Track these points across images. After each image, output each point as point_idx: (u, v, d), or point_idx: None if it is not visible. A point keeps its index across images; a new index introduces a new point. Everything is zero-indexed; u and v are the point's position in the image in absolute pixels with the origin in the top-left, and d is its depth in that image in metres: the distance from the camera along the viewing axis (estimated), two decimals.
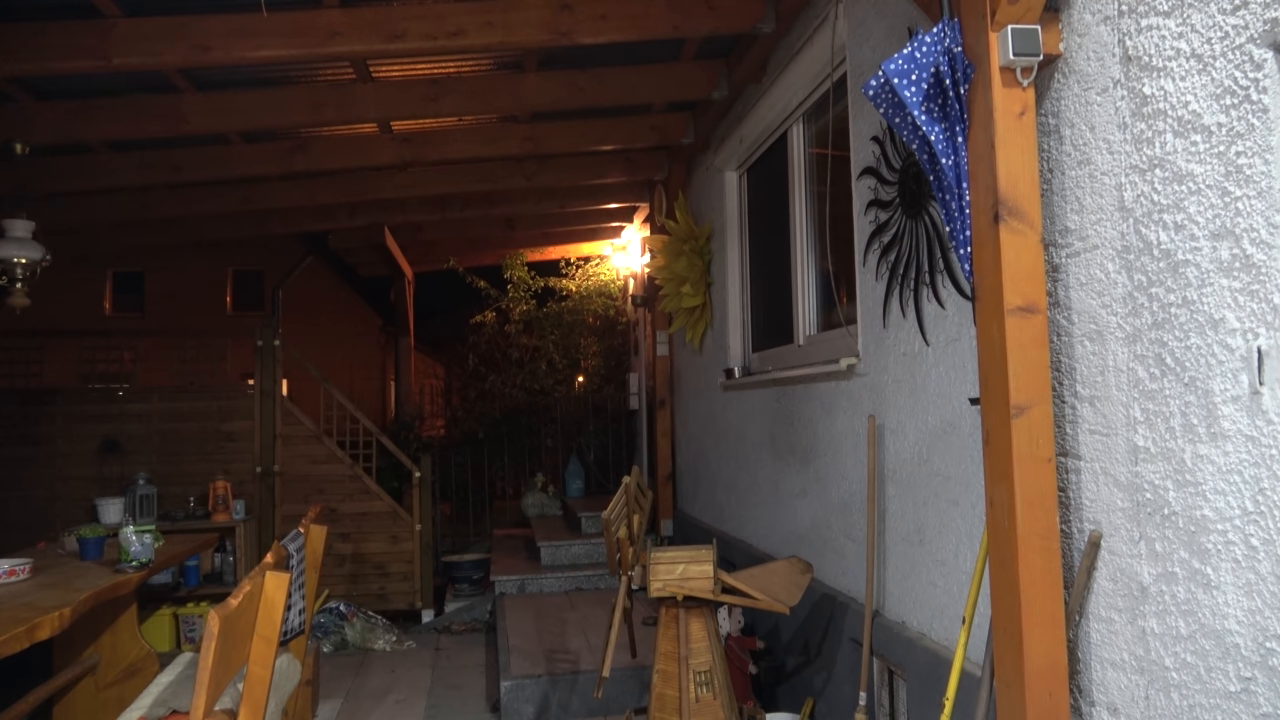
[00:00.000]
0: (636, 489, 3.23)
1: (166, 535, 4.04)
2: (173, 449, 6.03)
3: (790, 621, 3.64)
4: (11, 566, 3.10)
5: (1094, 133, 1.85)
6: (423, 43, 3.67)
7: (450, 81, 4.54)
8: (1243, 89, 1.48)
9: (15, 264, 4.51)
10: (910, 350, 2.70)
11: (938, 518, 2.53)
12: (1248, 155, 1.47)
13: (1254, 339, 1.46)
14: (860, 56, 3.04)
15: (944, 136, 1.98)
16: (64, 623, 2.58)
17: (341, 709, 4.28)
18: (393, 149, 5.26)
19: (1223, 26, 1.51)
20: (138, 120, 4.43)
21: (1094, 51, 1.84)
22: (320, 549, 3.04)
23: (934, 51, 1.96)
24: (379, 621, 5.54)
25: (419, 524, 6.13)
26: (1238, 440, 1.50)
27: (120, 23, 3.51)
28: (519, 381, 8.46)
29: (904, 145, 2.70)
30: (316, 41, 3.61)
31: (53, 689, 3.28)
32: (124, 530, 3.45)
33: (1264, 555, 1.45)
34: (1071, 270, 1.93)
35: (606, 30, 3.78)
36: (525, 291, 8.60)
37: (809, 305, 3.98)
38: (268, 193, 5.96)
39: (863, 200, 3.03)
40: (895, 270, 2.78)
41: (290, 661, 2.72)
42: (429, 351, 12.96)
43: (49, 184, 5.01)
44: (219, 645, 1.65)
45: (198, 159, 5.17)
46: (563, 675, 3.98)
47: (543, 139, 5.28)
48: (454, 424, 9.48)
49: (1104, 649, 1.85)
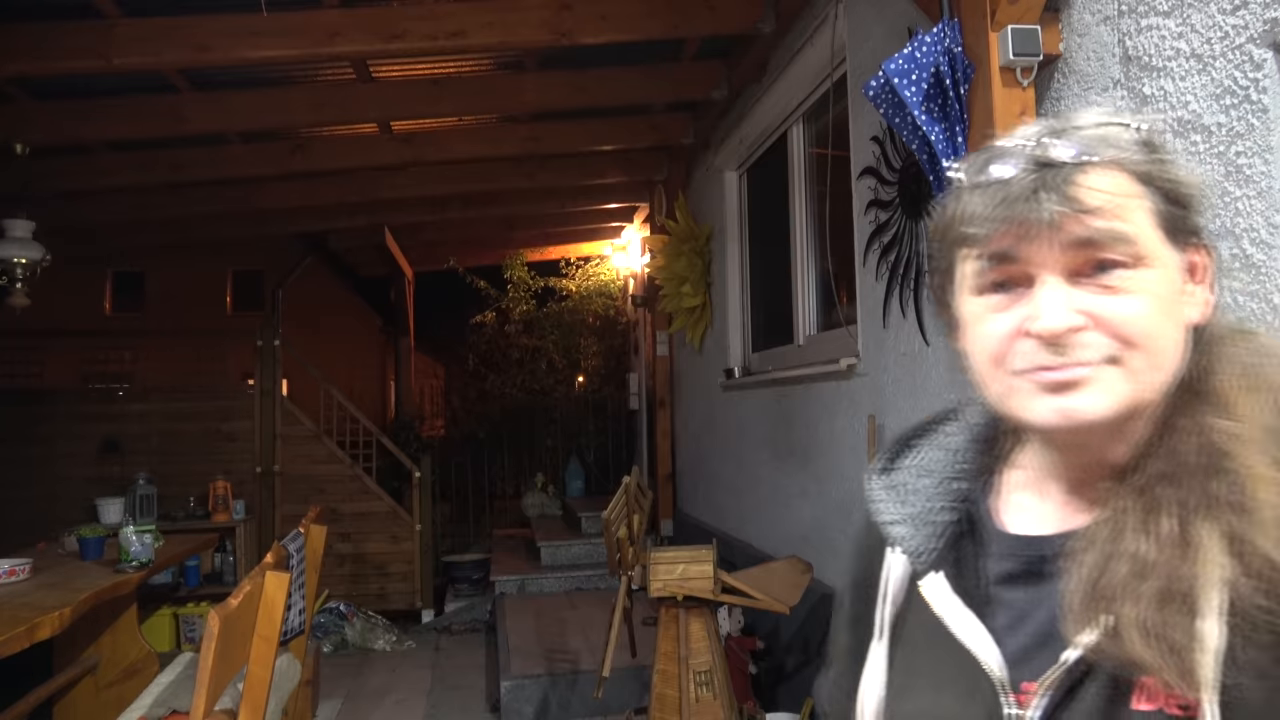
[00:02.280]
0: (636, 489, 3.23)
1: (166, 535, 4.04)
2: (173, 449, 6.03)
3: (790, 621, 3.64)
4: (11, 566, 3.10)
5: None
6: (423, 43, 3.67)
7: (450, 81, 4.54)
8: (1242, 89, 1.48)
9: (15, 264, 4.52)
10: (910, 350, 2.70)
11: None
12: (1248, 155, 1.47)
13: None
14: (860, 56, 3.04)
15: (944, 136, 1.98)
16: (64, 623, 2.57)
17: (341, 709, 4.28)
18: (393, 149, 5.26)
19: (1222, 26, 1.51)
20: (138, 120, 4.43)
21: (1094, 51, 1.84)
22: (320, 549, 3.04)
23: (934, 51, 1.96)
24: (379, 621, 5.53)
25: (419, 524, 6.13)
26: None
27: (120, 23, 3.51)
28: (519, 382, 8.45)
29: (904, 145, 2.70)
30: (316, 41, 3.61)
31: (53, 689, 3.28)
32: (124, 530, 3.45)
33: None
34: None
35: (606, 30, 3.78)
36: (525, 292, 8.60)
37: (809, 305, 3.98)
38: (268, 193, 5.96)
39: (863, 200, 3.03)
40: (895, 270, 2.78)
41: (290, 661, 2.72)
42: (429, 352, 12.96)
43: (49, 184, 5.00)
44: (219, 645, 1.65)
45: (198, 159, 5.17)
46: (563, 675, 3.98)
47: (543, 139, 5.27)
48: (454, 424, 9.48)
49: None
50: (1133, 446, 0.67)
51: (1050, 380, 0.64)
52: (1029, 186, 0.64)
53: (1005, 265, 0.66)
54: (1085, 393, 0.64)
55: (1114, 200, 0.64)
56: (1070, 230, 0.63)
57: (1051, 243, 0.64)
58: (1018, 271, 0.66)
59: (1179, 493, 0.62)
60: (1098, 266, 0.64)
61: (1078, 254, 0.64)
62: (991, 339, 0.67)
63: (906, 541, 0.76)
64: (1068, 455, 0.70)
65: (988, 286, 0.68)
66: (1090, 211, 0.63)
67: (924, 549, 0.74)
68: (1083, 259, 0.64)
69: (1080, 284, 0.65)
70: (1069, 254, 0.64)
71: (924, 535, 0.75)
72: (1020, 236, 0.65)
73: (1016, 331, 0.66)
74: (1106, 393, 0.64)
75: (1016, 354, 0.66)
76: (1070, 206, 0.63)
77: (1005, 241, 0.65)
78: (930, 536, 0.75)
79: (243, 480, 5.95)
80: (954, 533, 0.75)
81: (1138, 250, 0.64)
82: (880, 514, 0.79)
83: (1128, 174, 0.66)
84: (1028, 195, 0.64)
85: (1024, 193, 0.64)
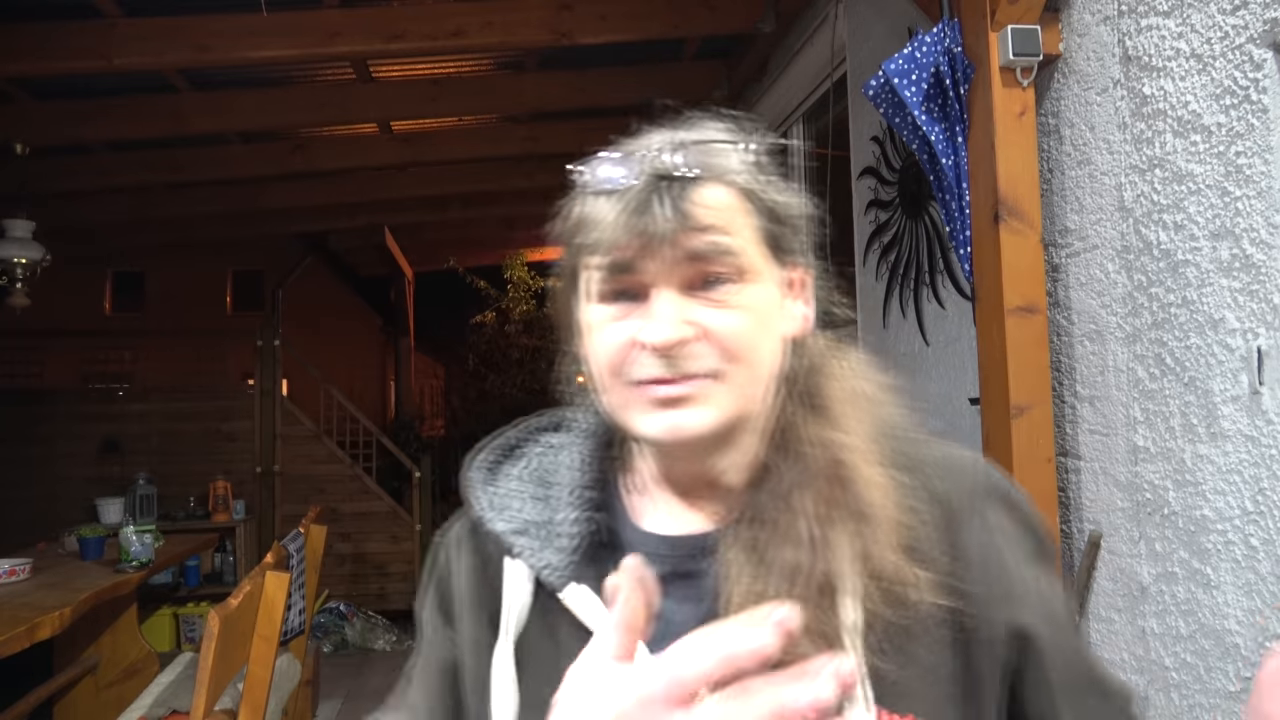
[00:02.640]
0: None
1: (166, 535, 4.04)
2: (173, 449, 6.03)
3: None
4: (11, 566, 3.10)
5: (1094, 133, 1.85)
6: (423, 43, 3.67)
7: (450, 81, 4.54)
8: (1242, 89, 1.48)
9: (15, 264, 4.52)
10: (910, 350, 2.70)
11: None
12: (1247, 155, 1.47)
13: (1254, 339, 1.46)
14: (860, 56, 3.04)
15: (944, 136, 1.98)
16: (64, 623, 2.57)
17: (341, 709, 4.28)
18: (393, 149, 5.26)
19: (1222, 26, 1.51)
20: (138, 120, 4.43)
21: (1094, 51, 1.84)
22: (320, 549, 3.04)
23: (934, 51, 1.96)
24: (379, 621, 5.54)
25: (419, 524, 6.13)
26: (1237, 440, 1.50)
27: (120, 23, 3.51)
28: (519, 382, 8.45)
29: (904, 145, 2.70)
30: (316, 41, 3.61)
31: (53, 689, 3.28)
32: (124, 530, 3.45)
33: (1264, 555, 1.45)
34: (1071, 270, 1.93)
35: (606, 30, 3.78)
36: (525, 292, 8.60)
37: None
38: (268, 193, 5.96)
39: (863, 200, 3.03)
40: (895, 270, 2.78)
41: (290, 661, 2.72)
42: (429, 352, 12.95)
43: (49, 184, 5.00)
44: (219, 645, 1.65)
45: (198, 159, 5.17)
46: None
47: (543, 139, 5.27)
48: (454, 424, 9.48)
49: (1104, 649, 1.85)
50: (747, 453, 0.72)
51: (662, 396, 0.65)
52: (646, 199, 0.66)
53: (624, 275, 0.67)
54: (692, 409, 0.66)
55: (723, 217, 0.67)
56: (683, 244, 0.65)
57: (666, 256, 0.65)
58: (635, 282, 0.67)
59: (813, 499, 0.67)
60: (707, 280, 0.66)
61: (690, 267, 0.66)
62: (609, 348, 0.68)
63: (535, 554, 0.72)
64: (683, 465, 0.72)
65: (608, 295, 0.68)
66: (703, 228, 0.65)
67: (557, 562, 0.71)
68: (694, 272, 0.66)
69: (693, 296, 0.66)
70: (682, 267, 0.66)
71: (555, 547, 0.72)
72: (639, 248, 0.65)
73: (632, 342, 0.66)
74: (711, 408, 0.66)
75: (632, 364, 0.67)
76: (684, 222, 0.65)
77: (625, 253, 0.66)
78: (564, 550, 0.72)
79: (243, 480, 5.95)
80: (592, 543, 0.73)
81: (742, 265, 0.67)
82: (493, 522, 0.74)
83: (737, 192, 0.68)
84: (645, 207, 0.65)
85: (642, 204, 0.65)
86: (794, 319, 0.74)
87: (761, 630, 0.47)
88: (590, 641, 0.61)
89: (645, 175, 0.67)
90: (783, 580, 0.64)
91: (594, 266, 0.69)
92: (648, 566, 0.67)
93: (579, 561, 0.72)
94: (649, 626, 0.54)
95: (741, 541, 0.67)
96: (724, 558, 0.67)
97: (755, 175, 0.71)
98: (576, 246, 0.71)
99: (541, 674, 0.68)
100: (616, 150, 0.70)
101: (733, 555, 0.67)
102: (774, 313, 0.71)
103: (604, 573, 0.69)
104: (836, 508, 0.67)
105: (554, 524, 0.73)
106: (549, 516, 0.74)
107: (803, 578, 0.64)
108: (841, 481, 0.68)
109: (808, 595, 0.63)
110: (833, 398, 0.73)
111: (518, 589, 0.73)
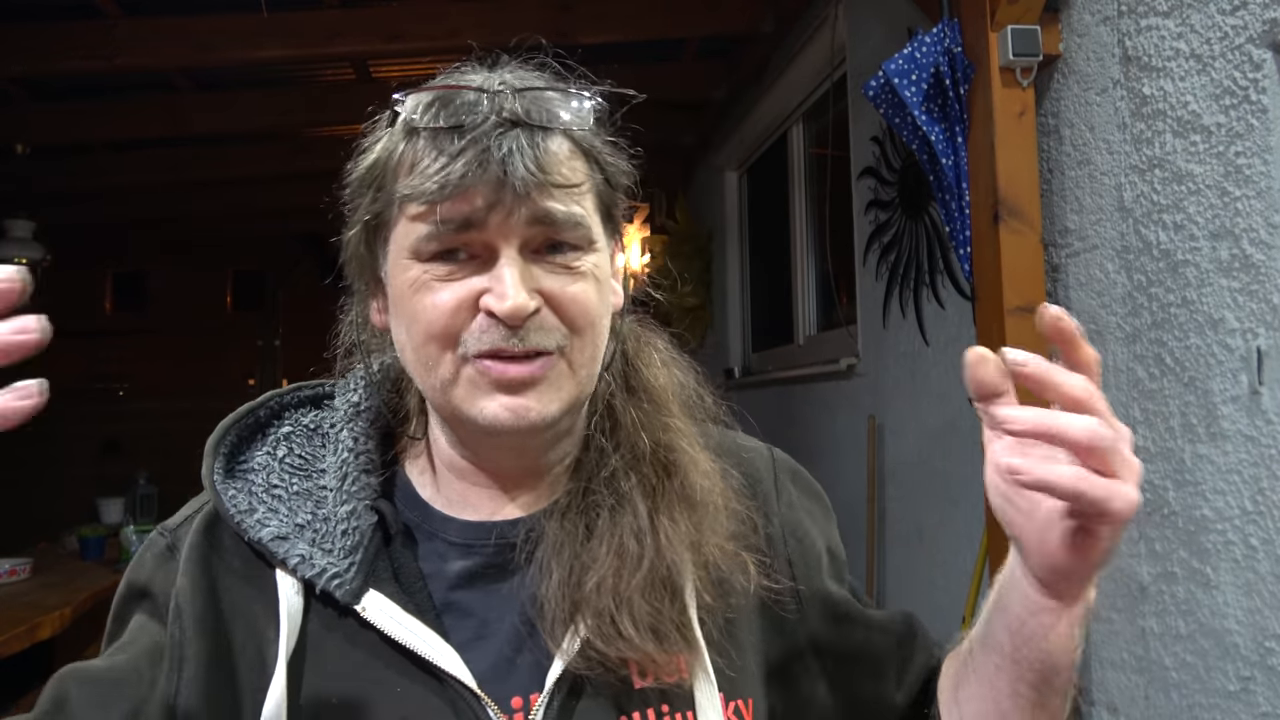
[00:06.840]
0: None
1: None
2: (173, 449, 6.01)
3: None
4: (12, 566, 3.10)
5: (1094, 133, 1.85)
6: (422, 43, 3.67)
7: None
8: (1242, 89, 1.48)
9: (15, 264, 4.51)
10: (910, 350, 2.70)
11: (937, 518, 2.53)
12: (1247, 155, 1.47)
13: (1253, 339, 1.46)
14: (860, 57, 3.04)
15: (944, 136, 1.98)
16: (64, 623, 2.58)
17: None
18: None
19: (1222, 27, 1.51)
20: (138, 120, 4.43)
21: (1094, 52, 1.84)
22: None
23: (934, 52, 1.96)
24: None
25: None
26: (1237, 440, 1.50)
27: (121, 23, 3.51)
28: None
29: (904, 145, 2.69)
30: (316, 41, 3.61)
31: None
32: (124, 530, 3.45)
33: (1263, 555, 1.45)
34: (1071, 270, 1.93)
35: (606, 30, 3.77)
36: None
37: (809, 305, 3.98)
38: (268, 193, 5.96)
39: (862, 200, 3.04)
40: (895, 270, 2.79)
41: None
42: None
43: (49, 184, 5.00)
44: None
45: (198, 159, 5.17)
46: None
47: None
48: None
49: (1103, 648, 1.85)
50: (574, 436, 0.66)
51: (511, 377, 0.57)
52: (499, 147, 0.56)
53: (460, 232, 0.57)
54: (537, 392, 0.58)
55: (576, 175, 0.60)
56: (538, 203, 0.57)
57: (519, 214, 0.56)
58: (475, 240, 0.57)
59: (641, 486, 0.63)
60: (552, 244, 0.59)
61: (538, 229, 0.58)
62: (439, 312, 0.58)
63: (310, 562, 0.59)
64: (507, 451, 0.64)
65: (434, 252, 0.58)
66: (562, 185, 0.58)
67: (339, 567, 0.59)
68: (541, 234, 0.58)
69: (536, 262, 0.59)
70: (531, 228, 0.58)
71: (335, 549, 0.60)
72: (484, 203, 0.56)
73: (470, 307, 0.58)
74: (557, 391, 0.59)
75: (471, 333, 0.58)
76: (544, 177, 0.57)
77: (463, 206, 0.56)
78: (345, 550, 0.59)
79: None
80: (378, 538, 0.62)
81: (589, 233, 0.61)
82: (251, 530, 0.60)
83: (584, 151, 0.62)
84: (496, 156, 0.55)
85: (494, 154, 0.55)
86: (617, 294, 0.67)
87: None
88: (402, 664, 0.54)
89: (490, 119, 0.57)
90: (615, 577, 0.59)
91: (415, 217, 0.58)
92: (454, 559, 0.62)
93: (360, 562, 0.60)
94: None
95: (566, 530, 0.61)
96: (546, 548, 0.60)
97: (600, 133, 0.64)
98: (389, 192, 0.61)
99: (345, 711, 0.57)
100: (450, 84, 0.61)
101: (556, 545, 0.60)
102: (608, 285, 0.64)
103: (401, 572, 0.61)
104: (666, 495, 0.62)
105: (328, 521, 0.61)
106: (318, 513, 0.62)
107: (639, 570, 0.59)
108: (669, 467, 0.64)
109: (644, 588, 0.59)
110: (650, 381, 0.68)
111: (291, 604, 0.59)
